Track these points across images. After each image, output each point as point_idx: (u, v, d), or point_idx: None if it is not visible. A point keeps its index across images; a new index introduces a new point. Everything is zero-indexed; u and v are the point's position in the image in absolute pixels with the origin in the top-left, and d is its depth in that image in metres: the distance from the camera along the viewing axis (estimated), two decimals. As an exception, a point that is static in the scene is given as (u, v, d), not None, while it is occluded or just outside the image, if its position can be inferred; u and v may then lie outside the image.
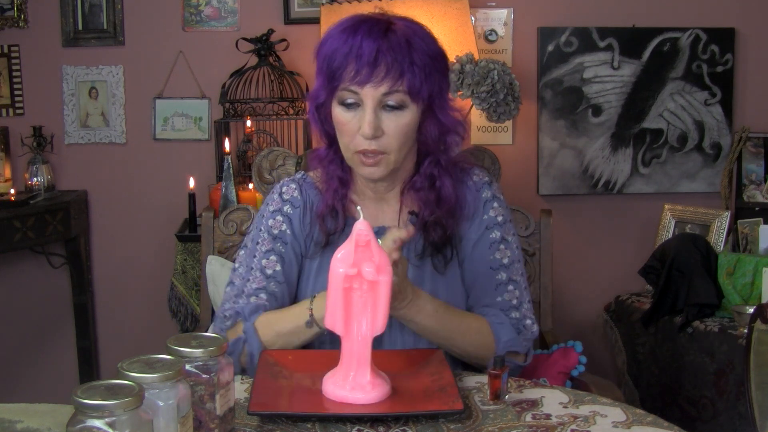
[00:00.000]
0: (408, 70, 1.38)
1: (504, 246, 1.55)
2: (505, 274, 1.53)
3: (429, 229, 1.50)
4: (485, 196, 1.56)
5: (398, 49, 1.38)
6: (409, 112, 1.41)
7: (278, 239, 1.53)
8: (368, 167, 1.43)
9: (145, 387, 0.95)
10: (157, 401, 0.97)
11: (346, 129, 1.42)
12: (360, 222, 1.20)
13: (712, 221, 2.96)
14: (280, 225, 1.54)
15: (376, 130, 1.39)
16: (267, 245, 1.53)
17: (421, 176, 1.51)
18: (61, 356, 3.21)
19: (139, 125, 3.14)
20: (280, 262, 1.52)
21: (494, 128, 3.13)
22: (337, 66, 1.39)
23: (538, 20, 3.11)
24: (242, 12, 3.09)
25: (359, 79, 1.37)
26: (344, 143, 1.45)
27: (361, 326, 1.20)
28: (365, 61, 1.37)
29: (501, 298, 1.52)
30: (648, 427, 1.15)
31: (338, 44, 1.40)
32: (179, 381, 0.99)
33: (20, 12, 3.07)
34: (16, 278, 3.18)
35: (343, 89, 1.40)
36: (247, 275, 1.53)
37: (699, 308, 2.55)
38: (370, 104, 1.39)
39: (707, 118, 3.15)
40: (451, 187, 1.51)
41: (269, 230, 1.55)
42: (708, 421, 2.46)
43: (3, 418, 1.17)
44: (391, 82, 1.38)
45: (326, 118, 1.48)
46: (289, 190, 1.57)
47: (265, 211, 1.58)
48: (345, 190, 1.53)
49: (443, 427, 1.16)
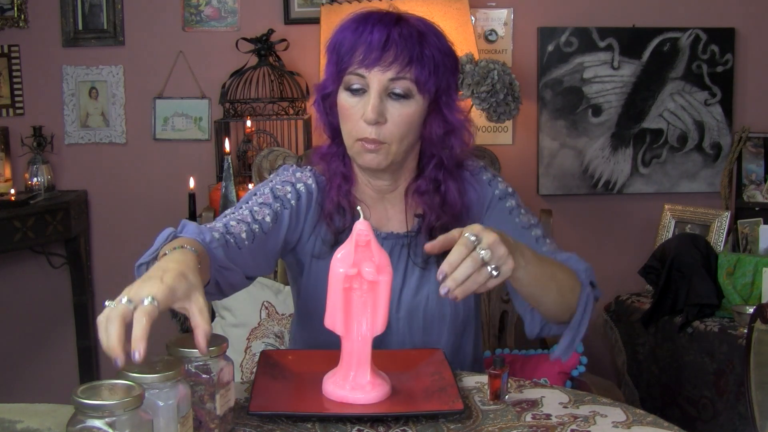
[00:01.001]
0: (417, 59, 1.37)
1: (524, 210, 1.54)
2: (538, 230, 1.51)
3: (435, 233, 1.46)
4: (486, 178, 1.55)
5: (409, 38, 1.38)
6: (415, 102, 1.40)
7: (279, 200, 1.46)
8: (368, 153, 1.40)
9: (145, 387, 0.95)
10: (157, 401, 0.97)
11: (350, 114, 1.41)
12: (360, 222, 1.20)
13: (712, 221, 2.96)
14: (287, 192, 1.48)
15: (379, 115, 1.37)
16: (265, 199, 1.45)
17: (425, 179, 1.49)
18: (61, 356, 3.21)
19: (139, 125, 3.14)
20: (272, 217, 1.43)
21: (494, 128, 3.13)
22: (345, 51, 1.39)
23: (538, 20, 3.11)
24: (242, 12, 3.09)
25: (367, 62, 1.36)
26: (347, 130, 1.43)
27: (361, 326, 1.20)
28: (375, 45, 1.36)
29: (546, 249, 1.48)
30: (648, 427, 1.15)
31: (348, 33, 1.40)
32: (179, 381, 0.99)
33: (20, 12, 3.07)
34: (16, 278, 3.18)
35: (350, 73, 1.39)
36: (233, 210, 1.43)
37: (699, 308, 2.56)
38: (376, 88, 1.37)
39: (707, 118, 3.15)
40: (456, 191, 1.49)
41: (273, 190, 1.47)
42: (708, 421, 2.47)
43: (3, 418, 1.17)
44: (399, 68, 1.37)
45: (331, 109, 1.47)
46: (304, 176, 1.51)
47: (275, 179, 1.51)
48: (348, 186, 1.50)
49: (443, 427, 1.16)
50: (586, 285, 1.38)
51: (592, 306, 1.39)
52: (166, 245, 1.19)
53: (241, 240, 1.36)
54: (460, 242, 1.15)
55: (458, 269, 1.13)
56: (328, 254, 1.47)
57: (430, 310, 1.50)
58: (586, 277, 1.40)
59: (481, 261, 1.14)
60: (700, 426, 2.48)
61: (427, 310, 1.50)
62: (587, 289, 1.38)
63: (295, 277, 1.58)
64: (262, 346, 2.00)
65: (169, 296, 1.00)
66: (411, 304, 1.49)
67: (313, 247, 1.51)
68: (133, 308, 0.97)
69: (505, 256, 1.16)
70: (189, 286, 1.03)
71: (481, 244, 1.14)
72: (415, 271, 1.50)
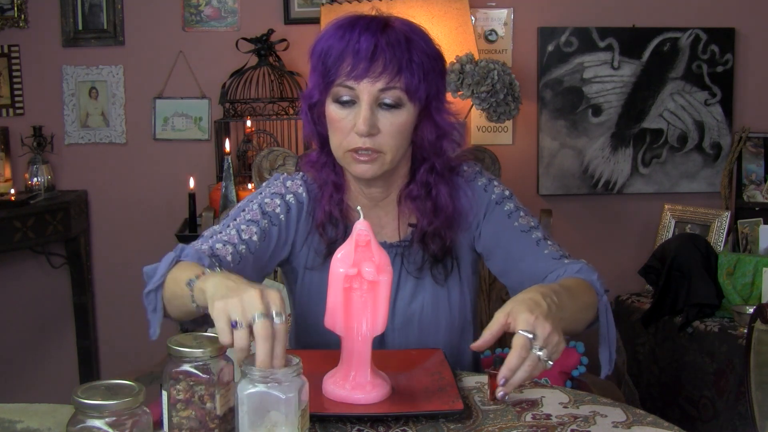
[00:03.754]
0: (406, 67, 1.34)
1: (523, 213, 1.51)
2: (538, 232, 1.48)
3: (428, 240, 1.46)
4: (482, 184, 1.52)
5: (397, 46, 1.34)
6: (406, 111, 1.37)
7: (267, 216, 1.45)
8: (361, 164, 1.38)
9: (268, 380, 1.00)
10: (278, 394, 1.00)
11: (340, 127, 1.38)
12: (360, 222, 1.20)
13: (712, 221, 2.96)
14: (275, 206, 1.46)
15: (371, 127, 1.34)
16: (253, 215, 1.44)
17: (416, 184, 1.46)
18: (61, 356, 3.21)
19: (139, 125, 3.14)
20: (259, 236, 1.42)
21: (494, 128, 3.13)
22: (333, 62, 1.35)
23: (538, 20, 3.11)
24: (242, 12, 3.09)
25: (356, 73, 1.33)
26: (336, 141, 1.40)
27: (361, 326, 1.20)
28: (362, 56, 1.33)
29: (548, 251, 1.46)
30: (648, 427, 1.15)
31: (334, 41, 1.36)
32: (298, 373, 1.03)
33: (20, 12, 3.07)
34: (16, 278, 3.18)
35: (338, 85, 1.36)
36: (221, 229, 1.42)
37: (699, 308, 2.55)
38: (366, 100, 1.34)
39: (707, 118, 3.15)
40: (448, 195, 1.46)
41: (261, 205, 1.46)
42: (708, 421, 2.46)
43: (3, 418, 1.17)
44: (388, 78, 1.33)
45: (319, 118, 1.44)
46: (294, 185, 1.50)
47: (264, 191, 1.50)
48: (340, 195, 1.47)
49: (443, 427, 1.16)
50: (602, 295, 1.38)
51: (611, 313, 1.41)
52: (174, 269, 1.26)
53: (227, 263, 1.35)
54: (518, 344, 1.12)
55: (518, 373, 1.12)
56: (321, 266, 1.46)
57: (425, 318, 1.48)
58: (600, 286, 1.39)
59: (537, 359, 1.13)
60: (700, 426, 2.48)
61: (422, 318, 1.48)
62: (604, 299, 1.38)
63: (290, 285, 1.57)
64: (262, 346, 1.99)
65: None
66: (405, 313, 1.48)
67: (306, 258, 1.49)
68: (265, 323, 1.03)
69: (558, 343, 1.15)
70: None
71: (537, 341, 1.13)
72: (409, 280, 1.48)
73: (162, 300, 1.28)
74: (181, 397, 1.05)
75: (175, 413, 1.05)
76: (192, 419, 1.05)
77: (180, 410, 1.05)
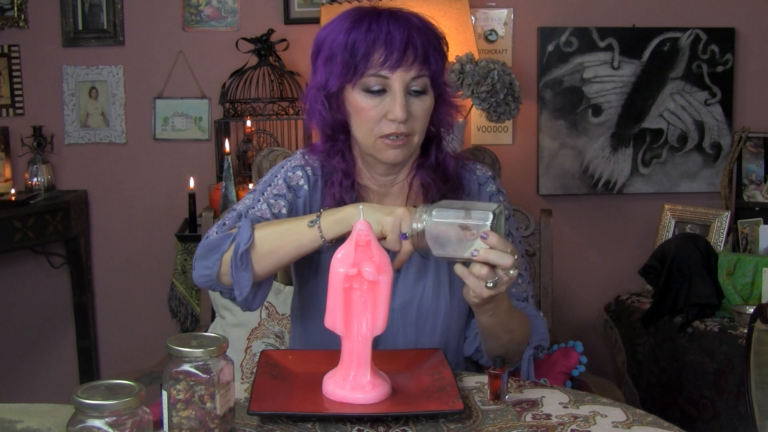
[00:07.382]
0: (432, 55, 1.42)
1: (510, 239, 1.53)
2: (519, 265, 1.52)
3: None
4: (490, 190, 1.57)
5: (423, 35, 1.42)
6: (429, 96, 1.45)
7: (292, 189, 1.52)
8: (393, 149, 1.43)
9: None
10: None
11: (370, 115, 1.42)
12: (360, 222, 1.20)
13: (712, 221, 2.96)
14: (298, 179, 1.52)
15: (407, 113, 1.41)
16: (279, 190, 1.51)
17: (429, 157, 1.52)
18: (61, 356, 3.21)
19: (139, 125, 3.14)
20: (288, 209, 1.49)
21: (494, 128, 3.13)
22: (363, 54, 1.40)
23: (538, 20, 3.11)
24: (242, 12, 3.09)
25: (390, 63, 1.39)
26: (366, 129, 1.44)
27: (361, 326, 1.20)
28: (396, 46, 1.38)
29: (515, 290, 1.51)
30: (648, 427, 1.15)
31: (358, 34, 1.41)
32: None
33: (20, 12, 3.07)
34: (16, 278, 3.18)
35: (370, 75, 1.40)
36: (252, 204, 1.49)
37: (699, 308, 2.55)
38: (400, 88, 1.40)
39: (707, 118, 3.15)
40: (454, 166, 1.54)
41: (286, 179, 1.52)
42: (708, 421, 2.46)
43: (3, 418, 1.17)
44: (419, 67, 1.41)
45: (339, 107, 1.47)
46: (296, 176, 1.54)
47: (286, 164, 1.55)
48: (349, 182, 1.51)
49: (443, 427, 1.16)
50: (531, 347, 1.47)
51: (533, 367, 1.50)
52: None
53: None
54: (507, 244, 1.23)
55: (492, 253, 1.21)
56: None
57: (425, 303, 1.50)
58: (538, 340, 1.48)
59: (507, 276, 1.23)
60: (700, 426, 2.48)
61: (422, 302, 1.50)
62: (531, 351, 1.48)
63: (299, 269, 1.57)
64: (262, 346, 2.00)
65: None
66: (407, 295, 1.49)
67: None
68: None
69: (507, 286, 1.26)
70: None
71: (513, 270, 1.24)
72: (414, 261, 1.49)
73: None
74: (181, 397, 1.05)
75: (175, 413, 1.05)
76: (192, 419, 1.05)
77: (180, 410, 1.05)
